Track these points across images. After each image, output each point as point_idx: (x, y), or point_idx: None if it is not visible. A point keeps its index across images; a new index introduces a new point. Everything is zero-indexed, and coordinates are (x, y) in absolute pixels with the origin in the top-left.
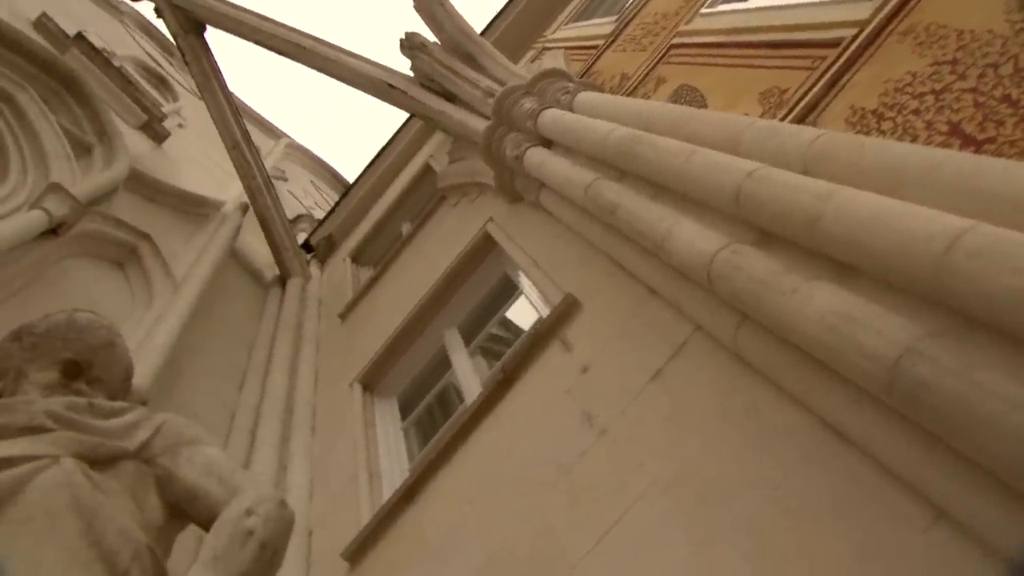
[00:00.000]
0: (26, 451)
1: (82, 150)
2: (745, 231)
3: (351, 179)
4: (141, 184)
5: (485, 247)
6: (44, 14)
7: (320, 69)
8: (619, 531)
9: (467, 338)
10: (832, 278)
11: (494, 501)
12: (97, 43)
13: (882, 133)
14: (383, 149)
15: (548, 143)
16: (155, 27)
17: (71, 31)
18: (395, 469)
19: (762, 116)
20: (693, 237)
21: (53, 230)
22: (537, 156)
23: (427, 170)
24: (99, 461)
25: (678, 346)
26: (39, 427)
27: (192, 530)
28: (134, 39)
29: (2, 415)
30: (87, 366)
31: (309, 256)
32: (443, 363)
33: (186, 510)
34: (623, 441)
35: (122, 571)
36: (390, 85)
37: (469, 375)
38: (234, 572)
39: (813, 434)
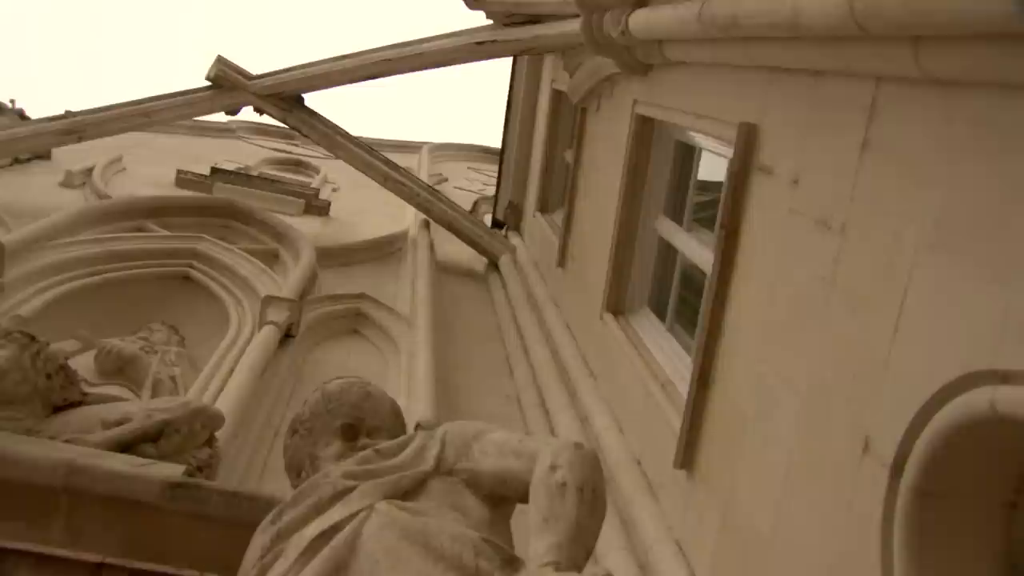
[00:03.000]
0: (343, 513)
1: (270, 258)
2: None
3: (499, 144)
4: (331, 256)
5: (646, 129)
6: (179, 170)
7: (413, 69)
8: (910, 307)
9: (677, 218)
10: None
11: (782, 344)
12: (230, 167)
13: None
14: (509, 101)
15: (643, 2)
16: (264, 123)
17: (204, 170)
18: (679, 367)
19: None
20: None
21: (288, 335)
22: (639, 19)
23: (557, 95)
24: (408, 492)
25: (869, 108)
26: (344, 490)
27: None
28: (255, 144)
29: (311, 495)
30: (359, 423)
31: (503, 231)
32: (669, 252)
33: (503, 495)
34: (867, 226)
35: (472, 568)
36: (479, 43)
37: (697, 249)
38: (566, 525)
39: None
